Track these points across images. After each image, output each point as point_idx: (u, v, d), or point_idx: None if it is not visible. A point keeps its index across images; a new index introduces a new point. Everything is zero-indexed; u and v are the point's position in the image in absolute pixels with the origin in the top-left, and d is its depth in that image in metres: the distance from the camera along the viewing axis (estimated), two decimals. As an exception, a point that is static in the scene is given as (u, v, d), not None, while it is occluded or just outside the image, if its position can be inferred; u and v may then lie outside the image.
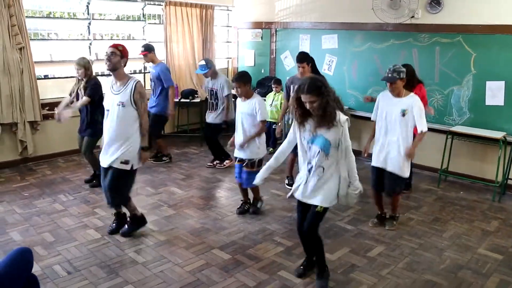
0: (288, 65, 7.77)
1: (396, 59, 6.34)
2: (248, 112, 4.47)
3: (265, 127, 4.61)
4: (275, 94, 7.10)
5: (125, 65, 3.94)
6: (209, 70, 6.04)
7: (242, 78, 4.47)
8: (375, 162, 4.40)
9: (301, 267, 3.63)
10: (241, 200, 4.87)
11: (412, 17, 6.10)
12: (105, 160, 4.00)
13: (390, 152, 4.24)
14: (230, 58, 8.76)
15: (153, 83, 6.32)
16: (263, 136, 4.60)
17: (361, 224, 4.60)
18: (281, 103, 6.99)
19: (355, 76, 6.91)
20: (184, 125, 7.96)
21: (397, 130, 4.19)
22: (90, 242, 4.09)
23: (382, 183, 4.41)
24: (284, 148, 3.43)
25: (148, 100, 6.22)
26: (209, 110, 6.27)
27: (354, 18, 6.73)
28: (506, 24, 5.37)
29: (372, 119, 4.54)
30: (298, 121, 3.22)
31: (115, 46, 3.86)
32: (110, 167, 3.96)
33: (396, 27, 6.29)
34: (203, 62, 6.09)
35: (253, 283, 3.48)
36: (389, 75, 4.12)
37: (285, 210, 4.91)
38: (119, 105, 3.82)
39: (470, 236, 4.41)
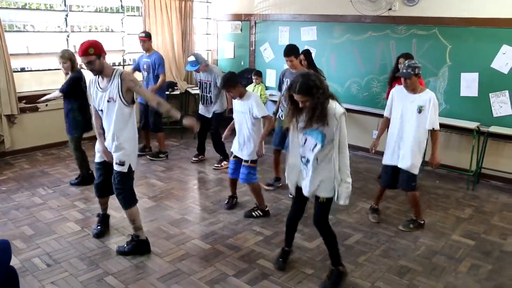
0: (268, 57, 7.80)
1: (375, 51, 6.45)
2: (246, 111, 4.36)
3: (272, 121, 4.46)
4: (255, 85, 7.13)
5: (104, 59, 3.59)
6: (200, 65, 5.77)
7: (228, 83, 4.33)
8: (389, 160, 4.29)
9: (280, 259, 3.61)
10: (229, 196, 4.82)
11: (390, 9, 6.18)
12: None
13: (404, 149, 4.13)
14: (210, 50, 8.75)
15: (146, 73, 6.18)
16: (261, 134, 4.43)
17: (340, 213, 4.67)
18: (261, 95, 7.04)
19: (333, 68, 6.97)
20: (164, 117, 7.92)
21: (413, 127, 4.07)
22: (70, 234, 4.08)
23: (394, 181, 4.34)
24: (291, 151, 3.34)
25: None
26: (203, 103, 6.06)
27: (333, 10, 6.79)
28: (480, 17, 5.49)
29: (385, 115, 4.39)
30: (291, 117, 3.15)
31: (85, 52, 3.43)
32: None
33: (374, 19, 6.37)
34: (192, 58, 5.78)
35: (232, 271, 3.53)
36: (404, 70, 4.01)
37: (264, 200, 4.95)
38: (109, 101, 3.56)
39: (445, 223, 4.54)
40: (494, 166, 5.70)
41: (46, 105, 6.37)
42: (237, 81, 4.37)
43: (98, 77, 3.64)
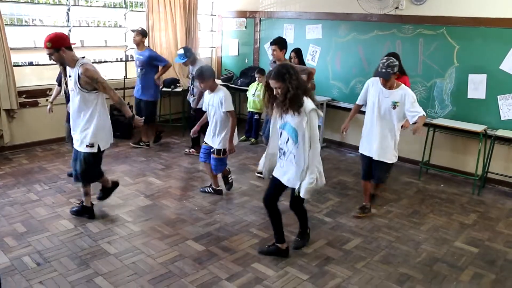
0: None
1: (380, 50, 6.29)
2: (216, 105, 4.58)
3: (235, 117, 4.69)
4: (258, 84, 7.02)
5: (67, 50, 3.80)
6: (188, 59, 5.99)
7: (201, 75, 4.55)
8: (363, 150, 4.43)
9: (268, 245, 3.81)
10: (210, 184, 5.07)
11: (397, 8, 6.04)
12: (75, 142, 4.09)
13: (378, 142, 4.22)
14: (214, 47, 8.64)
15: (139, 69, 6.27)
16: (229, 131, 4.67)
17: (339, 217, 4.55)
18: (264, 93, 6.92)
19: (338, 67, 6.85)
20: (166, 114, 7.85)
21: (387, 121, 4.18)
22: (62, 232, 4.00)
23: (370, 172, 4.43)
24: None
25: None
26: (192, 95, 6.24)
27: (339, 8, 6.66)
28: (490, 17, 5.33)
29: (357, 102, 4.57)
30: (267, 104, 3.44)
31: (44, 45, 3.77)
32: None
33: (381, 18, 6.23)
34: (181, 51, 6.03)
35: (225, 275, 3.42)
36: (383, 70, 4.01)
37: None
38: (72, 90, 3.89)
39: (448, 229, 4.40)
40: (501, 171, 5.55)
41: (47, 99, 6.32)
42: (210, 75, 4.60)
43: (71, 68, 3.91)
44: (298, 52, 5.98)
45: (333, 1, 6.71)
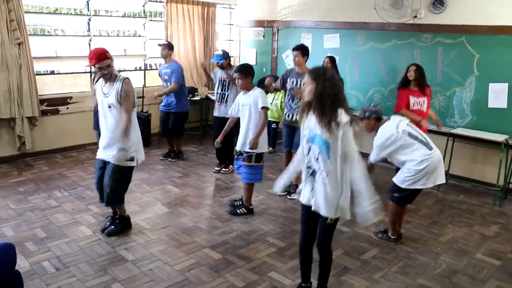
0: (290, 64, 7.67)
1: (399, 59, 6.27)
2: (250, 104, 4.46)
3: (267, 118, 4.54)
4: (275, 93, 7.02)
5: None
6: (225, 60, 6.04)
7: (244, 70, 4.51)
8: None
9: None
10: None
11: (415, 17, 6.00)
12: (104, 155, 3.96)
13: None
14: (232, 56, 8.67)
15: (168, 83, 6.31)
16: (265, 130, 4.53)
17: (357, 226, 4.51)
18: (281, 102, 6.94)
19: (356, 76, 6.82)
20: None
21: None
22: (81, 238, 4.04)
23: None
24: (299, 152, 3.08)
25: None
26: (218, 102, 6.10)
27: (356, 17, 6.65)
28: (510, 25, 5.27)
29: None
30: (301, 107, 2.98)
31: (104, 56, 3.68)
32: (109, 163, 3.94)
33: (399, 27, 6.20)
34: (220, 52, 6.09)
35: (242, 283, 3.41)
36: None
37: (280, 210, 4.84)
38: (110, 107, 3.79)
39: (468, 241, 4.32)
40: (523, 182, 5.44)
41: (67, 107, 6.45)
42: (250, 73, 4.56)
43: (104, 82, 3.84)
44: (332, 59, 5.92)
45: (351, 10, 6.71)
